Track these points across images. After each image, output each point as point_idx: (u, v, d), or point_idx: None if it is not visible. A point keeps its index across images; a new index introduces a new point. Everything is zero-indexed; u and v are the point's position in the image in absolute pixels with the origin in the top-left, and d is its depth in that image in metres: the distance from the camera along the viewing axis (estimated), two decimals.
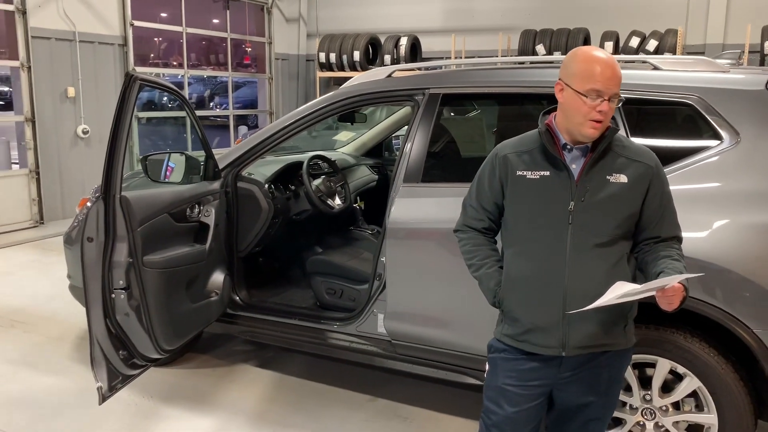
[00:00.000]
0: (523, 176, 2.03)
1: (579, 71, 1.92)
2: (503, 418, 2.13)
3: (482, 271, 2.16)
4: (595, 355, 2.05)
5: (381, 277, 3.20)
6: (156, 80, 2.92)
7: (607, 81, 1.89)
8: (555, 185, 1.99)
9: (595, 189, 1.97)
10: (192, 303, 3.19)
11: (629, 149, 2.03)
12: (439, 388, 3.62)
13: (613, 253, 1.99)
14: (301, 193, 3.98)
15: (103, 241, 2.67)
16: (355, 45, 10.37)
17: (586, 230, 1.97)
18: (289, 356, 4.07)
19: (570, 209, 1.97)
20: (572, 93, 1.92)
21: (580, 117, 1.92)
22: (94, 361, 2.75)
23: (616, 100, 1.92)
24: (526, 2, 10.18)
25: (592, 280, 1.95)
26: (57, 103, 8.02)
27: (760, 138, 2.59)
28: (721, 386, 2.55)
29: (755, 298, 2.46)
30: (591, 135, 1.93)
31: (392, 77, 3.44)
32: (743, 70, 2.94)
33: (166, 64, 11.99)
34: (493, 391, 2.16)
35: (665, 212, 2.04)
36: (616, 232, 1.99)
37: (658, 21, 9.02)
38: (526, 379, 2.09)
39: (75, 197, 8.33)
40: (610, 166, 1.98)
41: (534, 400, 2.11)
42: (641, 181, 1.99)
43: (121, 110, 2.59)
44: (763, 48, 8.16)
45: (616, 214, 1.98)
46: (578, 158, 2.00)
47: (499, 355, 2.16)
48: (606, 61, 1.91)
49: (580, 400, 2.13)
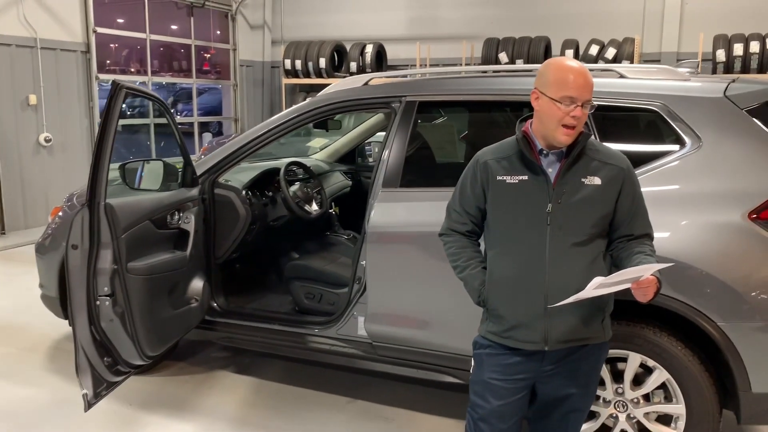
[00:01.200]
0: (503, 181, 2.14)
1: (554, 80, 2.03)
2: (489, 411, 2.22)
3: (467, 272, 2.26)
4: (575, 349, 2.17)
5: (361, 280, 3.27)
6: (141, 89, 2.95)
7: (580, 88, 2.01)
8: (533, 188, 2.10)
9: (570, 191, 2.08)
10: (173, 309, 3.21)
11: (602, 153, 2.15)
12: (418, 389, 3.70)
13: (589, 251, 2.11)
14: (278, 199, 4.02)
15: (87, 248, 2.68)
16: (320, 52, 10.43)
17: (563, 230, 2.08)
18: (267, 362, 4.10)
19: (548, 211, 2.08)
20: (547, 100, 2.04)
21: (554, 123, 2.03)
22: (79, 368, 2.75)
23: (588, 106, 2.04)
24: (489, 11, 10.40)
25: (571, 277, 2.07)
26: (18, 110, 7.87)
27: (719, 143, 2.75)
28: (688, 378, 2.68)
29: (718, 292, 2.60)
30: (564, 141, 2.05)
31: (369, 85, 3.52)
32: (703, 79, 3.11)
33: (124, 71, 11.86)
34: (479, 386, 2.26)
35: (637, 211, 2.16)
36: (592, 231, 2.11)
37: (616, 30, 9.33)
38: (511, 373, 2.19)
39: (38, 206, 8.20)
40: (584, 169, 2.10)
41: (518, 393, 2.22)
42: (614, 183, 2.11)
43: (107, 118, 2.61)
44: (715, 56, 8.52)
45: (591, 214, 2.10)
46: (554, 163, 2.12)
47: (484, 351, 2.25)
48: (578, 70, 2.04)
49: (561, 392, 2.24)
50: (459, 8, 10.60)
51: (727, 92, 2.80)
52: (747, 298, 2.57)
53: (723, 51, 8.46)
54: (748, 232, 2.60)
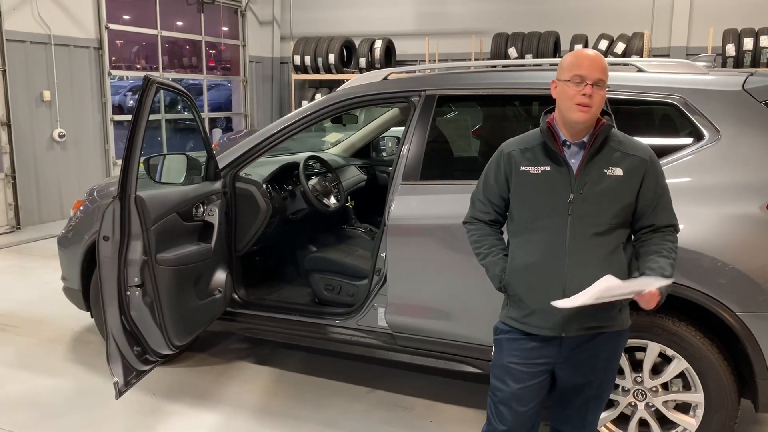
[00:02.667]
0: (526, 171, 2.20)
1: (566, 64, 2.13)
2: (509, 394, 2.29)
3: (489, 258, 2.31)
4: (593, 336, 2.21)
5: (381, 272, 3.32)
6: (172, 84, 3.00)
7: (589, 66, 2.07)
8: (556, 179, 2.16)
9: (593, 182, 2.13)
10: (199, 300, 3.27)
11: (625, 144, 2.19)
12: (437, 379, 3.76)
13: (610, 242, 2.15)
14: (298, 193, 4.07)
15: (119, 239, 2.74)
16: (329, 48, 10.47)
17: (584, 220, 2.13)
18: (286, 352, 4.16)
19: (570, 201, 2.13)
20: (561, 84, 2.12)
21: (568, 102, 2.09)
22: (110, 357, 2.82)
23: (603, 87, 2.08)
24: (498, 6, 10.42)
25: (590, 267, 2.12)
26: (33, 106, 7.95)
27: (738, 135, 2.79)
28: (707, 367, 2.73)
29: (737, 283, 2.65)
30: (580, 119, 2.09)
31: (388, 80, 3.57)
32: (720, 72, 3.15)
33: (130, 67, 11.93)
34: (499, 370, 2.33)
35: (660, 202, 2.19)
36: (613, 221, 2.15)
37: (626, 24, 9.35)
38: (530, 357, 2.25)
39: (51, 202, 8.28)
40: (606, 160, 2.15)
41: (537, 378, 2.27)
42: (636, 174, 2.14)
43: (138, 113, 2.67)
44: (724, 50, 8.53)
45: (612, 204, 2.14)
46: (577, 154, 2.16)
47: (504, 336, 2.32)
48: (587, 53, 2.13)
49: (579, 379, 2.30)
50: (467, 3, 10.62)
51: (745, 86, 2.84)
52: (765, 287, 2.62)
53: (733, 45, 8.47)
54: (766, 223, 2.64)
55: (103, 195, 3.98)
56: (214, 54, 12.22)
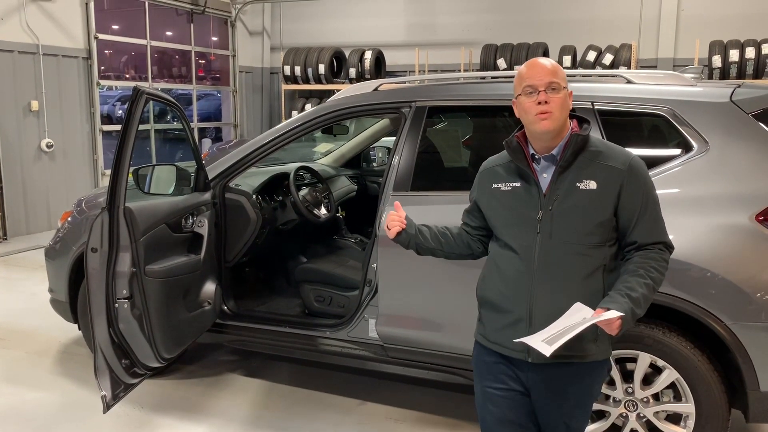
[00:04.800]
0: (498, 188, 2.12)
1: (516, 80, 2.05)
2: (490, 417, 2.16)
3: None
4: (563, 365, 2.01)
5: (372, 283, 3.31)
6: (161, 94, 2.99)
7: (536, 75, 1.97)
8: (525, 195, 2.05)
9: (562, 197, 1.99)
10: (188, 312, 3.24)
11: (603, 154, 2.02)
12: (429, 391, 3.74)
13: (586, 263, 1.98)
14: (288, 204, 4.06)
15: (107, 251, 2.71)
16: (320, 58, 10.48)
17: (554, 239, 1.98)
18: (276, 365, 4.13)
19: (538, 218, 2.00)
20: (518, 100, 2.03)
21: (529, 116, 1.99)
22: (98, 370, 2.79)
23: (558, 90, 1.95)
24: (487, 17, 10.48)
25: (559, 290, 1.97)
26: (20, 116, 7.89)
27: (726, 146, 2.81)
28: (698, 377, 2.74)
29: (727, 293, 2.66)
30: (544, 127, 1.96)
31: (379, 90, 3.57)
32: (708, 84, 3.18)
33: (119, 77, 11.91)
34: (479, 396, 2.20)
35: (642, 216, 1.98)
36: (589, 240, 1.98)
37: (613, 36, 9.43)
38: (502, 381, 2.12)
39: (39, 212, 8.21)
40: (581, 173, 1.99)
41: (515, 403, 2.11)
42: (611, 187, 1.97)
43: (127, 123, 2.66)
44: (711, 62, 8.61)
45: (584, 221, 1.97)
46: (548, 167, 2.04)
47: (478, 355, 2.21)
48: (533, 61, 2.03)
49: (547, 411, 2.11)
50: (457, 15, 10.68)
51: (733, 97, 2.87)
52: (755, 298, 2.63)
53: (719, 57, 8.56)
54: (756, 234, 2.66)
55: (92, 206, 3.95)
56: (204, 64, 12.20)
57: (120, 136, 2.66)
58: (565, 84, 1.99)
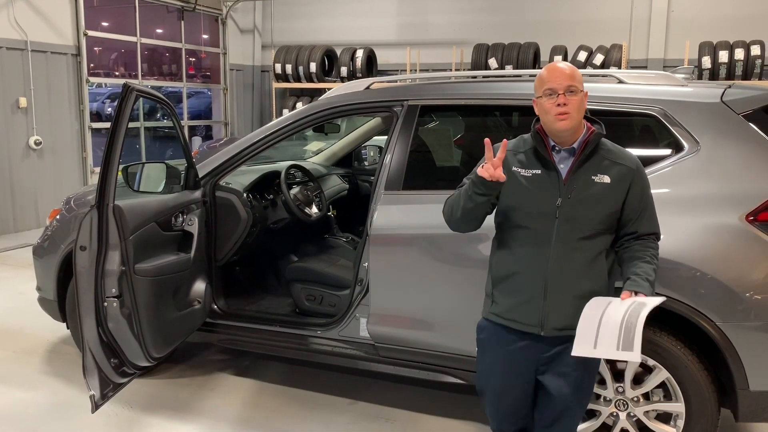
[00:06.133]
0: (518, 172, 2.27)
1: (537, 83, 2.24)
2: (493, 392, 2.38)
3: (463, 189, 2.28)
4: (571, 339, 2.17)
5: (363, 282, 3.30)
6: (151, 91, 2.96)
7: (556, 78, 2.17)
8: (545, 182, 2.24)
9: (580, 187, 2.21)
10: (178, 311, 3.22)
11: (613, 153, 2.27)
12: (420, 390, 3.73)
13: (593, 247, 2.24)
14: (279, 202, 4.04)
15: (96, 249, 2.69)
16: (311, 56, 10.44)
17: (570, 224, 2.21)
18: (266, 364, 4.11)
19: (558, 204, 2.21)
20: (539, 101, 2.23)
21: (549, 116, 2.19)
22: (87, 370, 2.76)
23: (577, 93, 2.15)
24: (479, 17, 10.49)
25: (571, 270, 2.22)
26: (8, 113, 7.82)
27: (717, 147, 2.82)
28: (688, 377, 2.74)
29: (716, 293, 2.67)
30: (562, 127, 2.17)
31: (371, 89, 3.56)
32: (699, 84, 3.19)
33: (109, 74, 11.83)
34: (483, 367, 2.41)
35: (644, 211, 2.27)
36: (598, 227, 2.23)
37: (604, 36, 9.46)
38: (510, 353, 2.33)
39: (27, 210, 8.14)
40: (595, 168, 2.23)
41: (520, 376, 2.34)
42: (622, 182, 2.23)
43: (117, 121, 2.63)
44: (700, 63, 8.66)
45: (599, 210, 2.22)
46: (566, 159, 2.25)
47: (486, 333, 2.38)
48: (553, 65, 2.23)
49: (554, 386, 2.32)
50: (449, 14, 10.68)
51: (723, 97, 2.88)
52: (745, 297, 2.64)
53: (708, 58, 8.60)
54: (746, 234, 2.67)
55: (81, 204, 3.91)
56: (194, 62, 12.14)
57: (109, 133, 2.64)
58: (582, 87, 2.19)
